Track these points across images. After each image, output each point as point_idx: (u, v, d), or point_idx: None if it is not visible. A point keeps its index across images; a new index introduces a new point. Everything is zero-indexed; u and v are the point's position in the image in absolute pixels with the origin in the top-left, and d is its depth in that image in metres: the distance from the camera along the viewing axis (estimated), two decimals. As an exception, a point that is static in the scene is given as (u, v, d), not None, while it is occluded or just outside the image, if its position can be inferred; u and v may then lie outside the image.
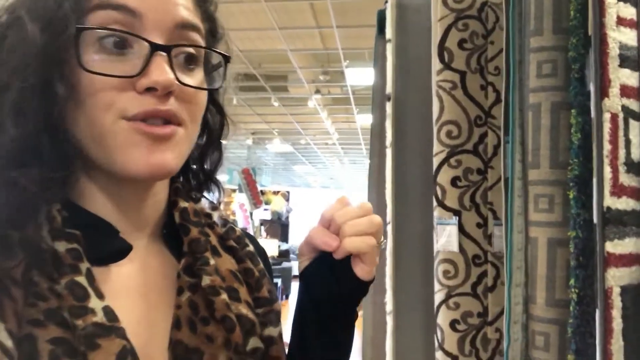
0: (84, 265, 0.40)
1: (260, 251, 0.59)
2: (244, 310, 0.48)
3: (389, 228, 1.43)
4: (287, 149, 10.24)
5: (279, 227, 13.48)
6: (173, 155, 0.43)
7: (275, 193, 13.79)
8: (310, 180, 15.68)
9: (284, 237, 13.29)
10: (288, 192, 14.13)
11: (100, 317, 0.38)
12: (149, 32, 0.42)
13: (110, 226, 0.45)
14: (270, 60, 4.91)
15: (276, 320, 0.51)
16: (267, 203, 13.07)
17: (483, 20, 1.27)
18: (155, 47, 0.41)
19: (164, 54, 0.42)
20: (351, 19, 3.52)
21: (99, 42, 0.41)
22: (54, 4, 0.40)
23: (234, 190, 10.68)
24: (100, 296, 0.39)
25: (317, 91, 5.38)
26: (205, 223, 0.53)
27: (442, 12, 1.28)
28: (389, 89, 1.49)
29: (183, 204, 0.51)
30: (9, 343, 0.34)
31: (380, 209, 1.52)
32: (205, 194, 0.58)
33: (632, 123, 0.64)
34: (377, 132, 1.65)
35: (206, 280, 0.47)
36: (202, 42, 0.46)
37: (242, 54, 4.35)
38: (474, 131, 1.23)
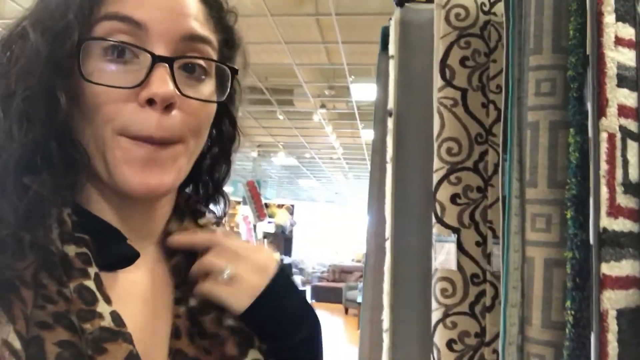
0: (93, 270, 0.40)
1: None
2: (240, 323, 0.48)
3: (388, 244, 1.41)
4: (292, 162, 10.26)
5: (282, 240, 13.44)
6: (169, 176, 0.43)
7: (280, 206, 13.79)
8: (314, 194, 15.67)
9: (287, 251, 13.23)
10: (292, 205, 14.13)
11: (108, 322, 0.39)
12: (153, 43, 0.42)
13: (118, 232, 0.45)
14: (277, 74, 4.95)
15: None
16: (271, 216, 13.06)
17: (485, 39, 1.28)
18: (157, 59, 0.41)
19: (166, 65, 0.41)
20: (357, 35, 3.56)
21: (103, 53, 0.41)
22: (58, 15, 0.41)
23: (238, 203, 10.69)
24: (108, 301, 0.40)
25: (323, 106, 5.41)
26: None
27: (445, 30, 1.29)
28: (390, 104, 1.49)
29: (187, 217, 0.52)
30: (17, 344, 0.34)
31: (379, 224, 1.51)
32: (211, 205, 0.58)
33: (630, 143, 0.64)
34: (378, 147, 1.65)
35: (192, 302, 0.47)
36: (212, 54, 0.46)
37: (248, 67, 4.38)
38: (474, 149, 1.23)
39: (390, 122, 1.49)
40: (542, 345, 0.73)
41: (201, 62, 0.45)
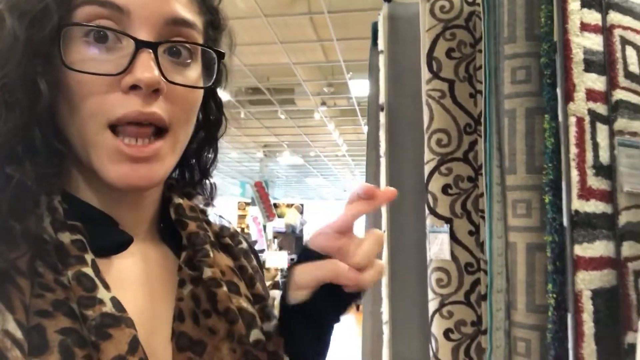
0: (89, 257, 0.40)
1: (252, 249, 0.58)
2: (244, 304, 0.48)
3: (385, 237, 1.43)
4: (298, 161, 10.27)
5: (293, 239, 13.46)
6: (157, 171, 0.42)
7: (289, 206, 13.80)
8: (323, 192, 15.69)
9: (298, 250, 13.20)
10: (302, 204, 14.16)
11: (109, 308, 0.38)
12: (136, 28, 0.40)
13: (109, 218, 0.45)
14: (276, 74, 4.98)
15: (272, 316, 0.51)
16: (280, 216, 13.08)
17: (471, 29, 1.28)
18: (140, 44, 0.40)
19: (150, 50, 0.40)
20: (350, 32, 3.57)
21: (84, 39, 0.40)
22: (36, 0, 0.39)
23: (247, 204, 10.72)
24: (107, 287, 0.39)
25: (323, 103, 5.42)
26: (203, 219, 0.52)
27: (430, 23, 1.30)
28: (382, 99, 1.51)
29: (177, 200, 0.51)
30: (18, 334, 0.34)
31: (375, 218, 1.53)
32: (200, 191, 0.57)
33: (600, 126, 0.65)
34: (372, 142, 1.66)
35: (207, 273, 0.46)
36: (197, 37, 0.44)
37: (246, 68, 4.40)
38: (463, 139, 1.24)
39: (382, 117, 1.51)
40: (528, 329, 0.74)
41: (190, 45, 0.43)
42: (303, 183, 14.40)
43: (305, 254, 0.48)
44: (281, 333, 0.50)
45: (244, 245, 0.56)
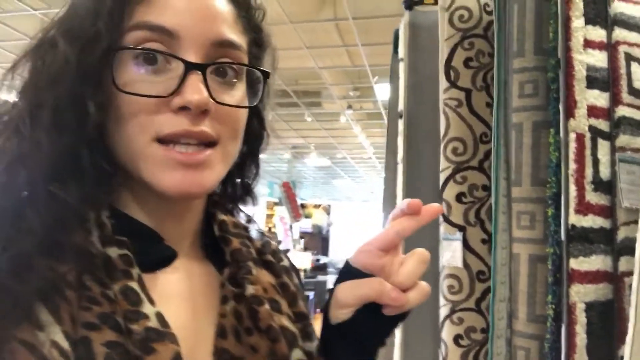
0: (135, 271, 0.40)
1: (293, 267, 0.58)
2: (286, 322, 0.47)
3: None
4: (325, 163, 10.33)
5: (319, 240, 13.51)
6: (208, 177, 0.43)
7: (317, 206, 13.85)
8: (350, 194, 15.69)
9: (325, 251, 13.30)
10: (329, 205, 14.19)
11: (154, 322, 0.38)
12: (185, 50, 0.41)
13: (155, 233, 0.45)
14: (304, 77, 5.05)
15: (313, 335, 0.50)
16: (307, 216, 13.15)
17: (489, 39, 1.29)
18: (189, 66, 0.41)
19: (199, 72, 0.41)
20: (375, 37, 3.59)
21: (134, 62, 0.41)
22: (88, 24, 0.41)
23: (275, 204, 10.83)
24: (152, 302, 0.40)
25: (349, 107, 5.45)
26: (245, 235, 0.52)
27: (449, 32, 1.31)
28: (401, 106, 1.53)
29: (221, 216, 0.51)
30: (65, 345, 0.34)
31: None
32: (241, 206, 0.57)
33: (601, 142, 0.66)
34: (391, 148, 1.68)
35: (250, 290, 0.46)
36: (242, 57, 0.45)
37: (274, 72, 4.49)
38: (479, 148, 1.25)
39: (400, 124, 1.53)
40: (528, 338, 0.76)
41: (234, 65, 0.44)
42: (330, 184, 14.43)
43: (347, 271, 0.47)
44: (322, 353, 0.49)
45: (286, 262, 0.55)
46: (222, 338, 0.44)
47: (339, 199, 16.32)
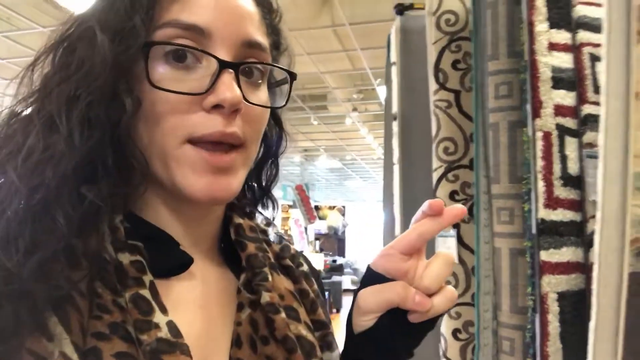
0: (147, 278, 0.39)
1: (313, 271, 0.56)
2: (304, 331, 0.45)
3: (398, 242, 1.49)
4: (336, 165, 10.37)
5: (335, 241, 13.54)
6: (234, 181, 0.42)
7: (332, 208, 13.87)
8: (364, 195, 15.69)
9: (341, 252, 13.33)
10: (344, 206, 14.20)
11: (165, 333, 0.37)
12: (216, 49, 0.41)
13: (171, 239, 0.44)
14: (309, 82, 5.12)
15: (334, 345, 0.48)
16: (322, 218, 13.17)
17: (476, 40, 1.33)
18: (223, 64, 0.40)
19: (232, 71, 0.40)
20: (373, 41, 3.65)
21: (165, 58, 0.40)
22: (125, 17, 0.40)
23: (290, 206, 10.90)
24: (164, 310, 0.38)
25: (355, 109, 5.51)
26: (263, 239, 0.51)
27: (437, 36, 1.35)
28: (394, 108, 1.56)
29: (238, 220, 0.50)
30: (75, 357, 0.34)
31: (390, 222, 1.59)
32: (260, 209, 0.56)
33: (568, 139, 0.69)
34: (388, 149, 1.72)
35: (265, 298, 0.44)
36: (267, 59, 0.45)
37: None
38: (469, 147, 1.28)
39: (395, 126, 1.56)
40: (512, 329, 0.79)
41: (260, 67, 0.44)
42: (343, 186, 14.45)
43: (369, 277, 0.45)
44: None
45: (305, 267, 0.53)
46: (238, 347, 0.42)
47: (353, 200, 16.33)
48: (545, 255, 0.65)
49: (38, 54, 0.41)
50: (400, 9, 1.64)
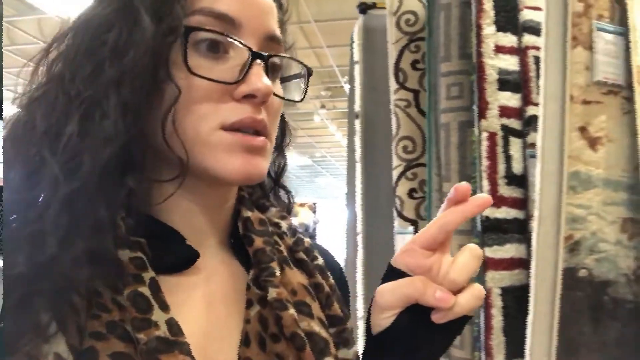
0: (148, 275, 0.38)
1: (332, 265, 0.53)
2: (317, 327, 0.43)
3: (360, 238, 1.50)
4: (306, 162, 10.37)
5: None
6: (265, 163, 0.42)
7: (302, 205, 13.84)
8: (335, 192, 15.75)
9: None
10: (315, 203, 14.19)
11: (163, 331, 0.36)
12: (245, 39, 0.41)
13: (176, 233, 0.43)
14: (277, 78, 5.13)
15: (350, 341, 0.46)
16: (293, 215, 13.12)
17: (435, 41, 1.35)
18: (255, 55, 0.40)
19: (262, 62, 0.41)
20: (340, 39, 3.68)
21: (194, 48, 0.39)
22: (168, 3, 0.39)
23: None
24: (165, 308, 0.37)
25: (323, 106, 5.52)
26: (274, 232, 0.49)
27: (397, 36, 1.37)
28: (357, 107, 1.58)
29: (246, 213, 0.48)
30: (70, 358, 0.33)
31: (353, 219, 1.60)
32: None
33: (513, 140, 0.71)
34: (351, 147, 1.73)
35: (272, 294, 0.43)
36: (283, 53, 0.46)
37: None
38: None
39: (357, 124, 1.58)
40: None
41: (277, 60, 0.44)
42: (314, 183, 14.48)
43: (390, 274, 0.42)
44: None
45: (320, 261, 0.51)
46: (246, 346, 0.41)
47: (324, 197, 16.38)
48: (489, 252, 0.67)
49: (55, 37, 0.40)
50: (363, 8, 1.65)
